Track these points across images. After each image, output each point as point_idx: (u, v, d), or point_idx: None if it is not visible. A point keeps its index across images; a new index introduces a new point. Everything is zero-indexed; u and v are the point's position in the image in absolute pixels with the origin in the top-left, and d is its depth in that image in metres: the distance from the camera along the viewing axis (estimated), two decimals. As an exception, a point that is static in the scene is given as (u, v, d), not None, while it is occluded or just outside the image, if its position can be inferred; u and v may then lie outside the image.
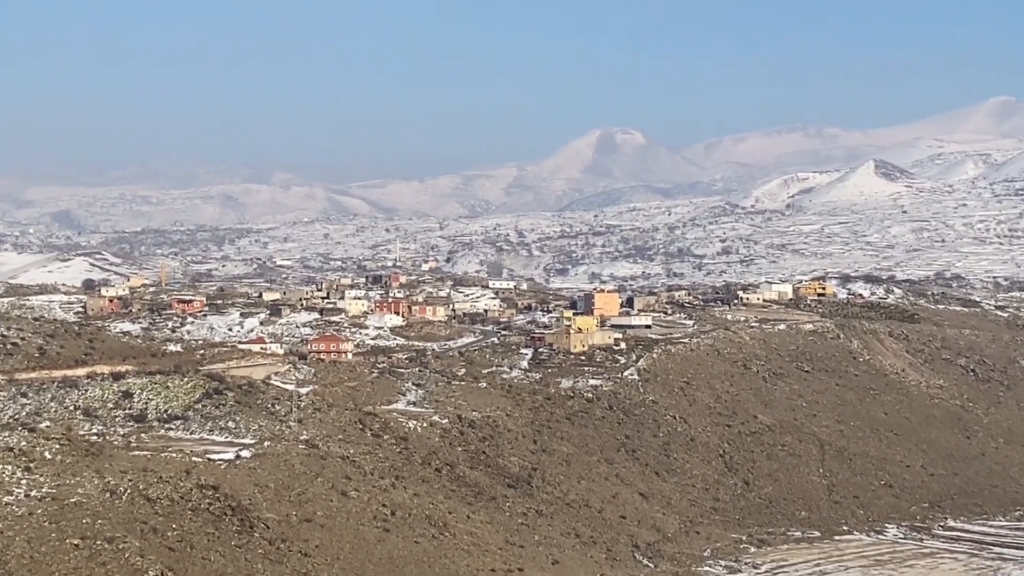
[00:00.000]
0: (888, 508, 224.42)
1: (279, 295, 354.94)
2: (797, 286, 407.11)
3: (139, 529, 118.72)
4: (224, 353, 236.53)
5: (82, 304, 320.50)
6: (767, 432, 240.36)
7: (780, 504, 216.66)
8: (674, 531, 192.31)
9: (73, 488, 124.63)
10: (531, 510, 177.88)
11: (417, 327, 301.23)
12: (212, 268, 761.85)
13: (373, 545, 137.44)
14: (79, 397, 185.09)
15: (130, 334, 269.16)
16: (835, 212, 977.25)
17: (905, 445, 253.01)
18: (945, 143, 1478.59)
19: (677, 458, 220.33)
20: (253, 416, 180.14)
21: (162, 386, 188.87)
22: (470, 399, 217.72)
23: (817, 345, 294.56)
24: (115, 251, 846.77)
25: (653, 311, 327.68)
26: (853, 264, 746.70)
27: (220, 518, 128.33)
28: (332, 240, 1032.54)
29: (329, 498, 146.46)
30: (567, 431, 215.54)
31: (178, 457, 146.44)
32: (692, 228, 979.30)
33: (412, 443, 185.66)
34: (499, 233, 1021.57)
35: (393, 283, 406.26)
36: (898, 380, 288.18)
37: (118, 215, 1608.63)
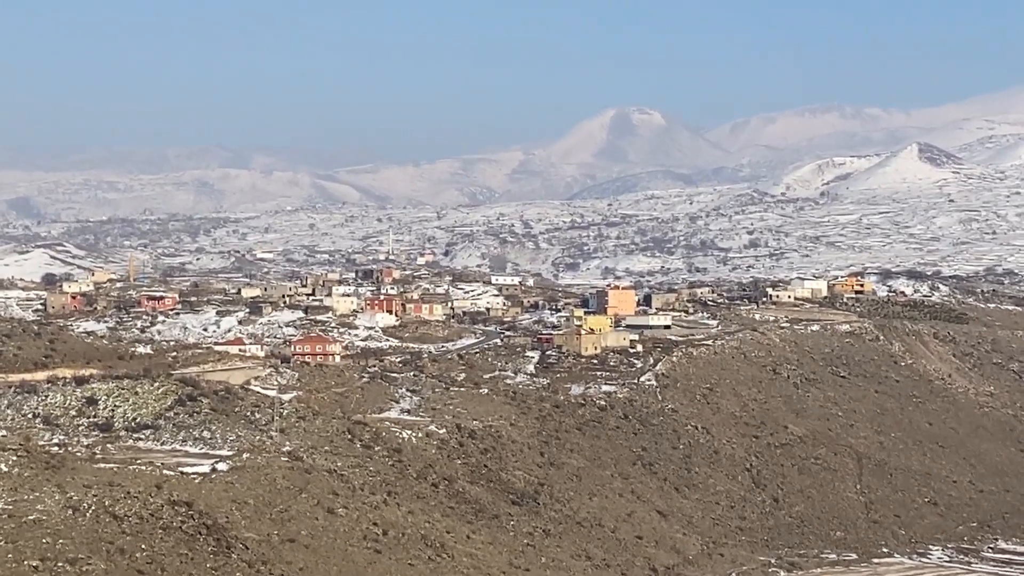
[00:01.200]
0: (932, 528, 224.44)
1: (259, 292, 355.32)
2: (832, 283, 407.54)
3: (105, 550, 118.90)
4: (199, 356, 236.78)
5: (42, 301, 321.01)
6: (799, 444, 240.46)
7: (813, 523, 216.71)
8: (695, 553, 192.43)
9: (32, 504, 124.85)
10: (538, 529, 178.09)
11: (412, 327, 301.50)
12: (185, 261, 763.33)
13: (363, 568, 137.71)
14: (38, 404, 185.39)
15: (95, 334, 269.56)
16: (874, 201, 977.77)
17: (951, 459, 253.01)
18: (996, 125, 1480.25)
19: (699, 472, 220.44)
20: (231, 425, 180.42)
21: (130, 392, 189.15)
22: (470, 407, 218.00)
23: (854, 348, 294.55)
24: (78, 242, 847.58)
25: (673, 310, 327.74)
26: (894, 258, 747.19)
27: (194, 538, 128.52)
28: (318, 231, 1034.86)
29: (314, 516, 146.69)
30: (578, 442, 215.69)
31: (148, 470, 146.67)
32: (716, 218, 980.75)
33: (406, 455, 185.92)
34: (503, 224, 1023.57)
35: (386, 278, 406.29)
36: (944, 387, 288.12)
37: (82, 202, 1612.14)
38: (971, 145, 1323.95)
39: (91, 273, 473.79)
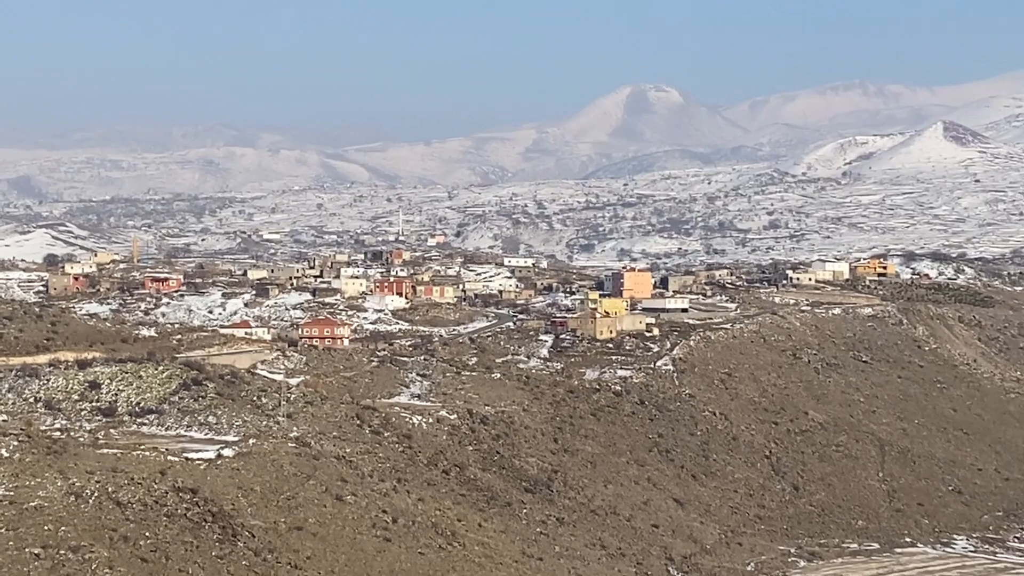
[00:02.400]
0: (957, 517, 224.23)
1: (266, 273, 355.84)
2: (854, 265, 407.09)
3: (108, 537, 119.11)
4: (204, 339, 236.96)
5: (44, 282, 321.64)
6: (819, 431, 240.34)
7: (834, 512, 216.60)
8: (713, 542, 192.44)
9: (33, 491, 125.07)
10: (551, 517, 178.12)
11: (422, 310, 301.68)
12: (190, 242, 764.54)
13: (372, 556, 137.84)
14: (40, 388, 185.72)
15: (98, 316, 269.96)
16: (898, 181, 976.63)
17: (977, 446, 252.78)
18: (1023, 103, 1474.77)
19: (717, 460, 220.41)
20: (237, 410, 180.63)
21: (134, 376, 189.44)
22: (482, 392, 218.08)
23: (877, 332, 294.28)
24: (81, 222, 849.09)
25: (690, 293, 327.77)
26: (918, 240, 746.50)
27: (199, 525, 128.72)
28: (326, 211, 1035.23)
29: (322, 503, 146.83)
30: (592, 429, 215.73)
31: (152, 456, 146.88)
32: (735, 199, 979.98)
33: (416, 441, 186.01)
34: (516, 204, 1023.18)
35: (395, 260, 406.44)
36: (969, 372, 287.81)
37: (84, 182, 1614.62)
38: (998, 123, 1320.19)
39: (94, 254, 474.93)
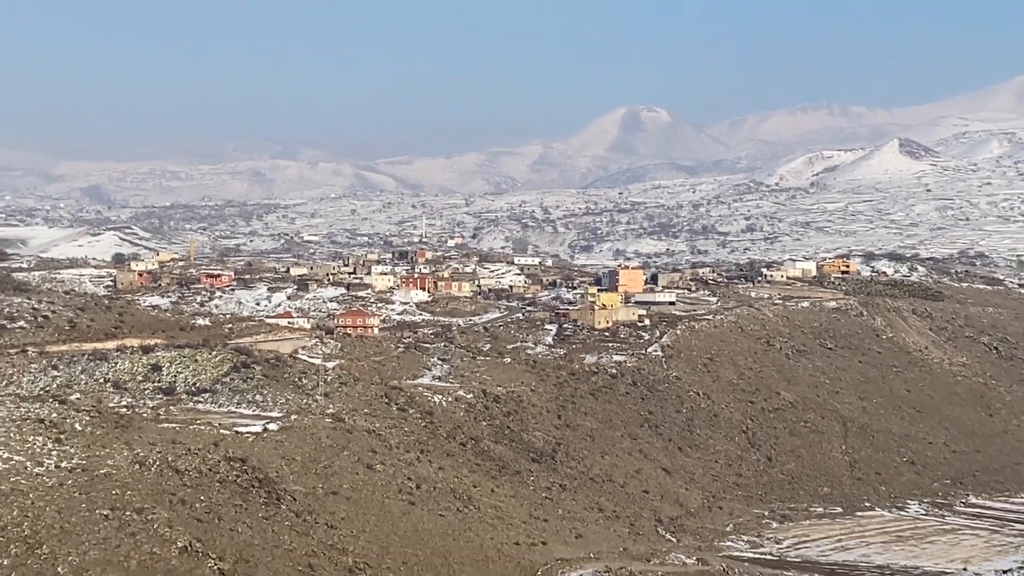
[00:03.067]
0: (910, 485, 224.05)
1: (306, 270, 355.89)
2: (821, 264, 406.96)
3: (168, 500, 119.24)
4: (252, 327, 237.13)
5: (112, 278, 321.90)
6: (790, 409, 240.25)
7: (802, 480, 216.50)
8: (697, 506, 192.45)
9: (103, 459, 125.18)
10: (555, 484, 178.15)
11: (443, 302, 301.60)
12: (240, 243, 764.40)
13: (398, 518, 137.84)
14: (109, 370, 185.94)
15: (159, 308, 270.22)
16: (859, 190, 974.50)
17: (927, 422, 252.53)
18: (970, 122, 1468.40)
19: (700, 434, 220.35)
20: (280, 390, 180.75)
21: (191, 359, 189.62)
22: (495, 374, 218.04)
23: (840, 322, 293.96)
24: (144, 225, 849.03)
25: (677, 288, 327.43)
26: (877, 242, 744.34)
27: (247, 490, 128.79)
28: (359, 216, 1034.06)
29: (355, 471, 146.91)
30: (591, 406, 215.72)
31: (206, 430, 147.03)
32: (716, 206, 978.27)
33: (437, 417, 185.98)
34: (524, 210, 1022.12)
35: (419, 259, 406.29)
36: (921, 357, 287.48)
37: (147, 190, 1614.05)
38: (947, 140, 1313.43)
39: (156, 253, 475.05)
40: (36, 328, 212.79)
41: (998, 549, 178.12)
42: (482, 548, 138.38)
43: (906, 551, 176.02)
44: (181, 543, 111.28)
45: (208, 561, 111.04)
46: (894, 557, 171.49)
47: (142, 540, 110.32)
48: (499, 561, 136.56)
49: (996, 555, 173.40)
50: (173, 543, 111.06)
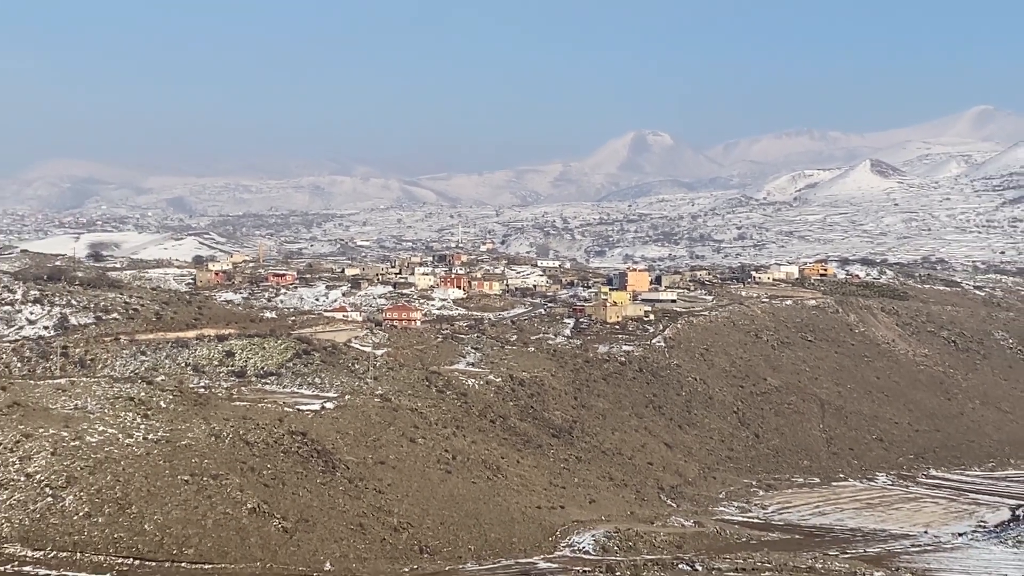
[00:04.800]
0: (879, 459, 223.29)
1: (359, 271, 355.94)
2: (802, 267, 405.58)
3: (239, 468, 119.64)
4: (312, 319, 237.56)
5: (192, 276, 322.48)
6: (775, 392, 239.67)
7: (785, 454, 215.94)
8: (694, 476, 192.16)
9: (184, 432, 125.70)
10: (571, 456, 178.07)
11: (476, 299, 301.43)
12: (302, 247, 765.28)
13: (437, 484, 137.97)
14: (189, 355, 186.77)
15: (232, 302, 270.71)
16: (836, 204, 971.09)
17: (894, 405, 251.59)
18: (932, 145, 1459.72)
19: (697, 414, 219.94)
20: (336, 373, 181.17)
21: (259, 347, 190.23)
22: (520, 361, 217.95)
23: (819, 318, 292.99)
24: (220, 232, 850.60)
25: (678, 288, 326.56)
26: (851, 249, 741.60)
27: (307, 460, 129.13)
28: (404, 224, 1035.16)
29: (400, 444, 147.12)
30: (603, 389, 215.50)
31: (272, 407, 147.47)
32: (712, 217, 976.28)
33: (471, 398, 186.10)
34: (547, 220, 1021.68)
35: (456, 261, 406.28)
36: (889, 349, 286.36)
37: (223, 201, 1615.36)
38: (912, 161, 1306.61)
39: (230, 255, 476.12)
40: (127, 319, 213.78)
41: (955, 515, 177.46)
42: (509, 511, 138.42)
43: (875, 516, 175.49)
44: (250, 504, 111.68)
45: (273, 520, 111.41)
46: (864, 521, 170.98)
47: (217, 502, 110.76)
48: (523, 522, 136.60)
49: (953, 520, 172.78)
50: (243, 504, 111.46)
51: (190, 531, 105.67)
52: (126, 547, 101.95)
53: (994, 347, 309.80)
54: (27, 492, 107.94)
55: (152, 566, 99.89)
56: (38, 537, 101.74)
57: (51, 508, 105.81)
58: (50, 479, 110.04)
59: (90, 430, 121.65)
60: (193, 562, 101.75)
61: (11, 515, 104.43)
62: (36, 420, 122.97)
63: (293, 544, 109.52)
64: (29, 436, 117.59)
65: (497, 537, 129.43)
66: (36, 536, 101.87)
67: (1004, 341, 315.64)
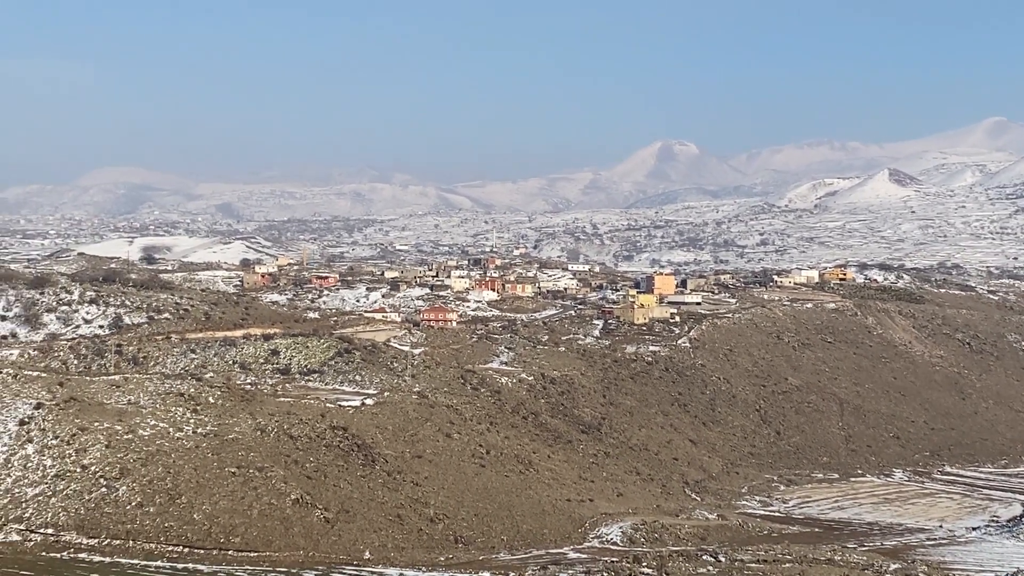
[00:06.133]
0: (896, 456, 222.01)
1: (398, 274, 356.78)
2: (823, 272, 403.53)
3: (283, 461, 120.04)
4: (353, 320, 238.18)
5: (240, 279, 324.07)
6: (796, 391, 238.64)
7: (806, 451, 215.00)
8: (718, 471, 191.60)
9: (231, 427, 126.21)
10: (600, 452, 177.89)
11: (509, 301, 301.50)
12: (344, 251, 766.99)
13: (471, 478, 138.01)
14: (236, 353, 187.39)
15: (278, 303, 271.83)
16: (855, 212, 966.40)
17: (910, 404, 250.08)
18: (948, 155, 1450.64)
19: (721, 411, 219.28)
20: (376, 371, 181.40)
21: (303, 346, 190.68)
22: (551, 360, 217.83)
23: (838, 321, 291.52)
24: (266, 236, 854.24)
25: (703, 291, 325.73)
26: (870, 255, 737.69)
27: (348, 453, 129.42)
28: (441, 230, 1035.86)
29: (436, 439, 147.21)
30: (630, 388, 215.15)
31: (315, 403, 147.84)
32: (736, 223, 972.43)
33: (504, 395, 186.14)
34: (577, 225, 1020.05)
35: (490, 265, 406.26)
36: (905, 350, 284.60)
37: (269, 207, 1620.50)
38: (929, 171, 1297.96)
39: (275, 259, 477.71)
40: (178, 319, 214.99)
41: (969, 510, 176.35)
42: (540, 503, 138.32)
43: (892, 510, 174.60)
44: (294, 495, 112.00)
45: (315, 511, 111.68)
46: (882, 515, 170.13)
47: (262, 493, 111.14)
48: (554, 514, 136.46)
49: (967, 515, 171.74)
50: (287, 495, 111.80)
51: (237, 521, 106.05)
52: (176, 535, 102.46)
53: (1007, 349, 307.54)
54: (83, 483, 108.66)
55: (200, 554, 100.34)
56: (93, 525, 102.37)
57: (105, 498, 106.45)
58: (104, 470, 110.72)
59: (142, 424, 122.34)
60: (239, 550, 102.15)
61: (68, 504, 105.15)
62: (92, 414, 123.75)
63: (334, 534, 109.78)
64: (85, 429, 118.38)
65: (529, 528, 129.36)
66: (91, 524, 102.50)
67: (1017, 343, 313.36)
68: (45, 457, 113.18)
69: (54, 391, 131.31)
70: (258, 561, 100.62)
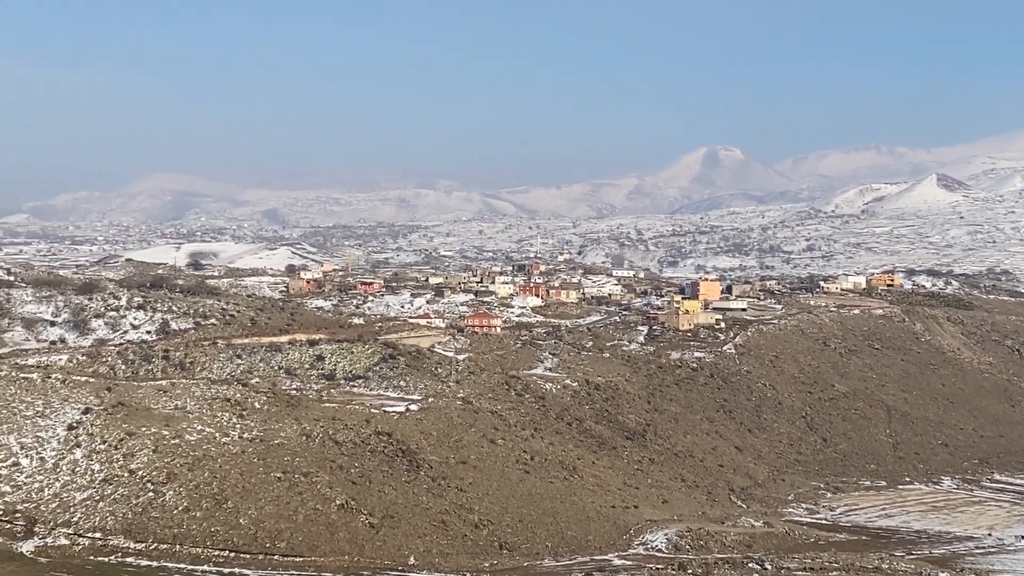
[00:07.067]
0: (944, 463, 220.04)
1: (442, 279, 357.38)
2: (870, 278, 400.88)
3: (328, 466, 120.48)
4: (397, 325, 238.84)
5: (285, 284, 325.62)
6: (842, 398, 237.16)
7: (853, 458, 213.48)
8: (763, 478, 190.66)
9: (277, 432, 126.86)
10: (645, 458, 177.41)
11: (553, 307, 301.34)
12: (388, 257, 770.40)
13: (516, 484, 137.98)
14: (282, 359, 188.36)
15: (323, 309, 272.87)
16: (903, 217, 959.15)
17: (959, 411, 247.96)
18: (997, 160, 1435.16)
19: (766, 418, 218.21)
20: (420, 377, 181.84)
21: (348, 351, 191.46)
22: (596, 366, 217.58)
23: (886, 327, 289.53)
24: (312, 242, 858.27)
25: (748, 297, 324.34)
26: (917, 260, 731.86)
27: (393, 459, 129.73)
28: (485, 235, 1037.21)
29: (480, 444, 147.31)
30: (675, 394, 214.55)
31: (360, 409, 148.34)
32: (781, 229, 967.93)
33: (548, 401, 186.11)
34: (621, 231, 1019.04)
35: (534, 271, 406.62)
36: (954, 357, 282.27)
37: (314, 213, 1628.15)
38: (977, 176, 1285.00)
39: (320, 265, 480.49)
40: (224, 325, 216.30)
41: (1018, 518, 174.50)
42: (584, 510, 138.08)
43: (940, 518, 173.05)
44: (339, 501, 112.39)
45: (360, 516, 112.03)
46: (930, 523, 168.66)
47: (308, 498, 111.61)
48: (598, 521, 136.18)
49: (1016, 523, 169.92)
50: (332, 501, 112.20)
51: (282, 525, 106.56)
52: (222, 540, 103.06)
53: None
54: (130, 487, 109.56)
55: (246, 558, 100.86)
56: (140, 530, 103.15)
57: (152, 503, 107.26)
58: (152, 475, 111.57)
59: (189, 429, 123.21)
60: (285, 555, 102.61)
61: (115, 509, 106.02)
62: (139, 419, 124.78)
63: (379, 539, 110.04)
64: (132, 434, 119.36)
65: (573, 534, 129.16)
66: (138, 529, 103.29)
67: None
68: (93, 462, 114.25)
69: (102, 396, 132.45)
70: (303, 566, 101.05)
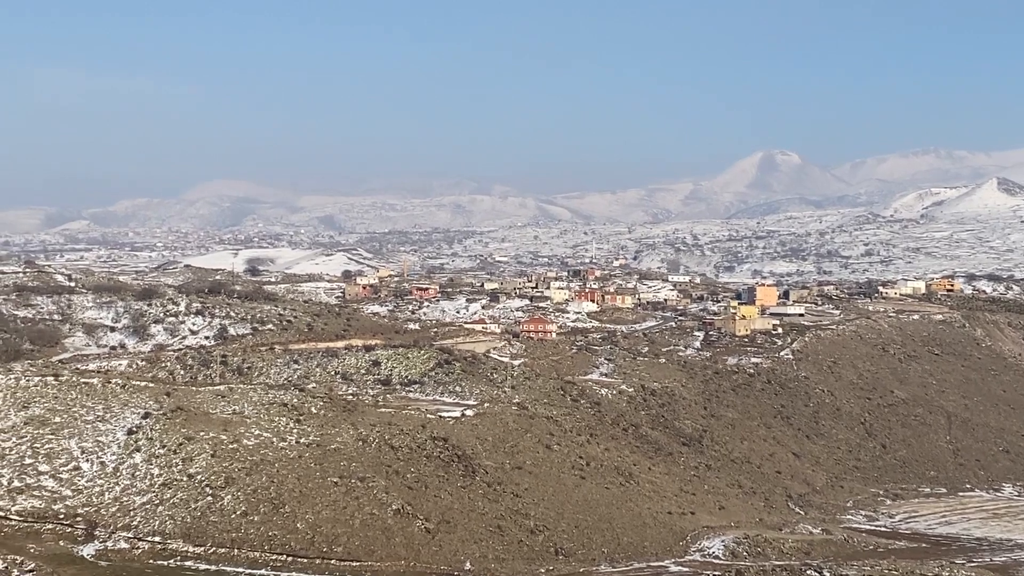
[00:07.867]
0: (1005, 470, 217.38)
1: (497, 285, 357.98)
2: (929, 283, 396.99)
3: (385, 471, 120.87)
4: (452, 331, 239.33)
5: (341, 290, 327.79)
6: (902, 404, 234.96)
7: (912, 465, 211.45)
8: (822, 485, 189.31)
9: (333, 437, 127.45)
10: (701, 464, 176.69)
11: (609, 312, 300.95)
12: (444, 262, 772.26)
13: (571, 489, 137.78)
14: (338, 364, 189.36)
15: (379, 314, 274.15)
16: (962, 221, 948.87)
17: (1020, 417, 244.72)
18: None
19: (825, 424, 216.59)
20: (475, 382, 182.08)
21: (404, 356, 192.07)
22: (652, 372, 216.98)
23: (946, 332, 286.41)
24: (367, 248, 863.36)
25: (805, 302, 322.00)
26: (978, 265, 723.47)
27: (448, 464, 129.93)
28: (540, 241, 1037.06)
29: (536, 450, 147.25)
30: (732, 400, 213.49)
31: (416, 414, 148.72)
32: (839, 234, 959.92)
33: (604, 407, 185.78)
34: (677, 236, 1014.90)
35: (589, 276, 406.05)
36: (1015, 363, 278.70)
37: (370, 219, 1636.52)
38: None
39: (376, 270, 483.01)
40: (281, 330, 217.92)
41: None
42: (640, 516, 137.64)
43: (1001, 526, 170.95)
44: (395, 506, 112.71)
45: (416, 521, 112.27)
46: (991, 531, 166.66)
47: (364, 503, 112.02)
48: (655, 527, 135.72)
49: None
50: (389, 506, 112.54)
51: (339, 530, 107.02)
52: (279, 544, 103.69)
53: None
54: (189, 491, 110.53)
55: (304, 562, 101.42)
56: (199, 534, 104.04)
57: (211, 507, 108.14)
58: (210, 479, 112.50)
59: (247, 434, 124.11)
60: (342, 559, 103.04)
61: (174, 512, 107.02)
62: (197, 424, 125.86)
63: (435, 544, 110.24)
64: (191, 439, 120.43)
65: (629, 541, 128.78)
66: (197, 532, 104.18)
67: None
68: (152, 466, 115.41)
69: (161, 401, 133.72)
70: (360, 571, 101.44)
